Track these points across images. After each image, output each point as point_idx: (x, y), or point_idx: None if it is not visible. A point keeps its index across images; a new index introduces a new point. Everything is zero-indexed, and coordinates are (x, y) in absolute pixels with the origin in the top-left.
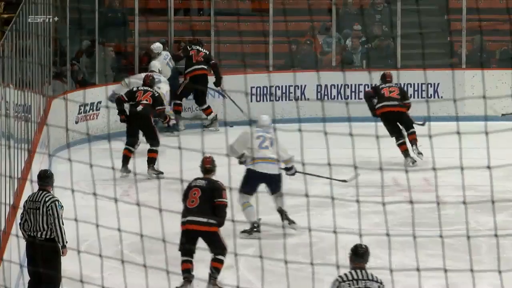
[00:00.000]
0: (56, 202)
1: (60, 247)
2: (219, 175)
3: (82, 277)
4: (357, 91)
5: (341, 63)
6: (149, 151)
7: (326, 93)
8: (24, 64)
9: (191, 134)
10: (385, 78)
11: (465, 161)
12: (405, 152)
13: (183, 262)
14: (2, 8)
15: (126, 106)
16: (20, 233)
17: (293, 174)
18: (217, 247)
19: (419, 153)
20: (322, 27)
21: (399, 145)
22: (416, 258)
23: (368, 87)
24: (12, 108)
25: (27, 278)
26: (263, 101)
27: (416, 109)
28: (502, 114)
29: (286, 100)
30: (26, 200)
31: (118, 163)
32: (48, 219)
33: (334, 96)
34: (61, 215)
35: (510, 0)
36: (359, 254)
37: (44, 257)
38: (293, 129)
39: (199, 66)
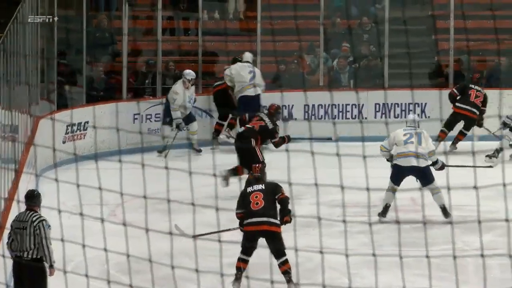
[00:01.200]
0: (44, 222)
1: (48, 267)
2: (209, 195)
3: None
4: (344, 111)
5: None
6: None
7: (313, 113)
8: (12, 84)
9: (177, 154)
10: (471, 78)
11: (451, 181)
12: (440, 138)
13: (239, 259)
14: None
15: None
16: (6, 253)
17: (441, 169)
18: (279, 247)
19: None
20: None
21: (441, 131)
22: (403, 278)
23: (355, 107)
24: None
25: None
26: None
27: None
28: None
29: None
30: (13, 220)
31: (105, 183)
32: (36, 238)
33: (321, 116)
34: (49, 235)
35: (497, 20)
36: None
37: (31, 277)
38: (280, 149)
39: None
